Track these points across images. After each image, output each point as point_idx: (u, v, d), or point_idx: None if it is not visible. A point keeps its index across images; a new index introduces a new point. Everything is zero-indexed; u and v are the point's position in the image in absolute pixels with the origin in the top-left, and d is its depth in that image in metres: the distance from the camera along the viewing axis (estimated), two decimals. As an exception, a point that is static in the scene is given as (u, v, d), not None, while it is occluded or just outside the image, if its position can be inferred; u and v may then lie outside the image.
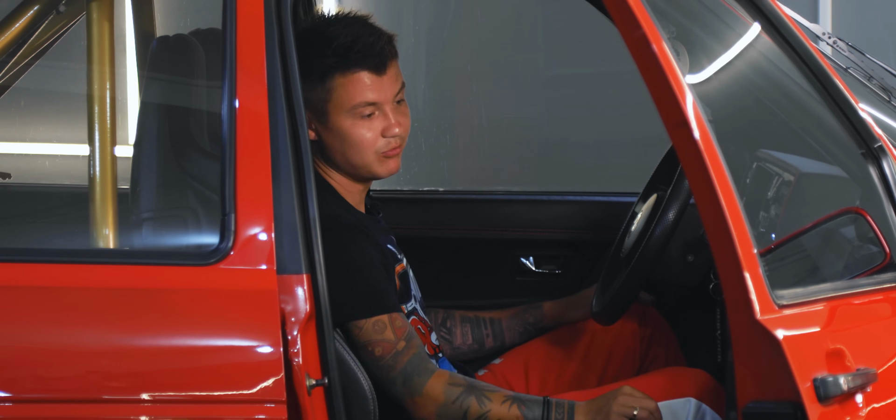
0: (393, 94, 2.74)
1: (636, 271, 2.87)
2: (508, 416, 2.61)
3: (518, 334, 3.19)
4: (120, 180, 2.55)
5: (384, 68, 2.73)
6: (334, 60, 2.70)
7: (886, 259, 2.41)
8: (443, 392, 2.61)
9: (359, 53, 2.70)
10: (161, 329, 2.30)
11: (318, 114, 2.73)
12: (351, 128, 2.72)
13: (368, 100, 2.71)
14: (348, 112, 2.72)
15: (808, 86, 2.57)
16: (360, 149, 2.74)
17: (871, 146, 2.49)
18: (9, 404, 2.26)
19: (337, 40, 2.71)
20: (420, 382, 2.62)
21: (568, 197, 3.82)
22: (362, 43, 2.71)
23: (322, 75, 2.70)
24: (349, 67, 2.70)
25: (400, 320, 2.66)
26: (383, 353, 2.63)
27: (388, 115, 2.74)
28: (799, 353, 2.12)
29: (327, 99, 2.71)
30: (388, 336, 2.63)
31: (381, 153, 2.75)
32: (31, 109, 4.79)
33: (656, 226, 2.85)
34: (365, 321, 2.63)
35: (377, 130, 2.73)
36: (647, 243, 2.86)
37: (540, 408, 2.61)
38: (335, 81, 2.70)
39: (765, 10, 2.57)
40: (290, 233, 2.33)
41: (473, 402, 2.61)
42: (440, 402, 2.61)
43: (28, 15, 2.80)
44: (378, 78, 2.72)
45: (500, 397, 2.62)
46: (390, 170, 2.78)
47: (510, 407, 2.61)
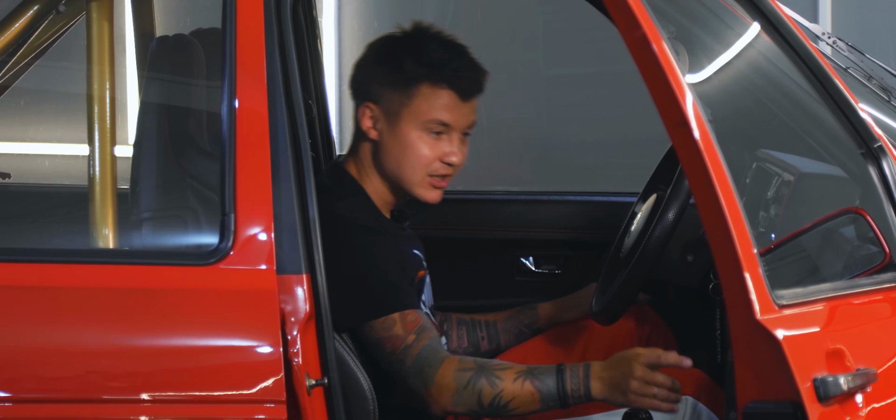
0: (466, 124, 2.77)
1: (636, 271, 2.87)
2: (522, 392, 2.57)
3: (513, 336, 3.18)
4: (120, 180, 2.55)
5: (469, 96, 2.76)
6: (426, 70, 2.72)
7: (886, 259, 2.41)
8: (453, 379, 2.58)
9: (452, 72, 2.73)
10: (161, 329, 2.30)
11: (390, 115, 2.74)
12: (416, 139, 2.74)
13: (444, 119, 2.73)
14: (421, 124, 2.73)
15: (807, 86, 2.57)
16: (416, 163, 2.75)
17: (871, 146, 2.49)
18: (9, 404, 2.26)
19: (434, 53, 2.73)
20: (431, 373, 2.59)
21: (568, 197, 3.82)
22: (458, 63, 2.74)
23: (409, 80, 2.72)
24: (438, 81, 2.72)
25: (411, 315, 2.65)
26: (394, 348, 2.62)
27: (453, 141, 2.76)
28: (799, 353, 2.12)
29: (406, 104, 2.73)
30: (398, 331, 2.63)
31: (430, 176, 2.77)
32: (31, 109, 4.79)
33: (656, 226, 2.85)
34: (375, 320, 2.63)
35: (437, 152, 2.75)
36: (646, 243, 2.85)
37: (553, 377, 2.57)
38: (420, 90, 2.72)
39: (765, 10, 2.57)
40: (290, 233, 2.33)
41: (485, 384, 2.58)
42: (453, 389, 2.58)
43: (28, 15, 2.80)
44: (460, 103, 2.74)
45: (512, 374, 2.59)
46: (430, 198, 2.79)
47: (523, 383, 2.57)
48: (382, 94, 2.75)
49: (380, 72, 2.77)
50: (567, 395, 2.56)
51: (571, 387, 2.56)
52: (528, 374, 2.59)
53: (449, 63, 2.73)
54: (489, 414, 2.60)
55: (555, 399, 2.57)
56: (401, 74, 2.73)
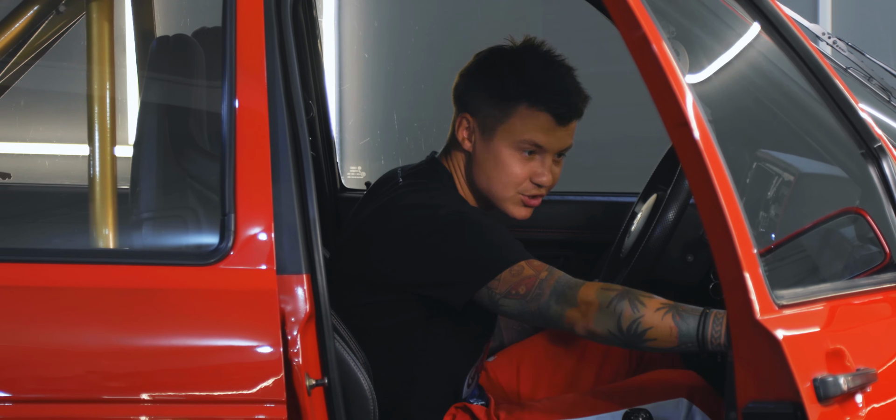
0: (560, 147, 2.77)
1: (636, 271, 2.87)
2: (661, 323, 2.48)
3: (516, 333, 3.18)
4: (120, 180, 2.55)
5: (567, 121, 2.75)
6: (527, 89, 2.72)
7: (886, 259, 2.41)
8: (596, 296, 2.53)
9: (553, 95, 2.72)
10: (161, 329, 2.30)
11: (485, 129, 2.75)
12: (508, 157, 2.74)
13: (538, 141, 2.74)
14: (515, 142, 2.74)
15: (808, 86, 2.57)
16: (507, 181, 2.76)
17: (871, 146, 2.49)
18: (9, 404, 2.26)
19: (536, 73, 2.73)
20: (573, 293, 2.54)
21: (568, 197, 3.82)
22: (560, 86, 2.73)
23: (509, 97, 2.72)
24: (537, 103, 2.72)
25: (536, 262, 2.62)
26: (528, 288, 2.59)
27: (545, 162, 2.76)
28: (799, 353, 2.12)
29: (502, 120, 2.73)
30: (529, 272, 2.60)
31: (520, 195, 2.77)
32: (31, 109, 4.79)
33: (656, 226, 2.85)
34: (503, 273, 2.60)
35: (528, 171, 2.75)
36: (647, 243, 2.86)
37: (696, 319, 2.47)
38: (519, 109, 2.72)
39: (765, 10, 2.57)
40: (290, 233, 2.33)
41: (627, 306, 2.50)
42: (596, 305, 2.52)
43: (28, 15, 2.80)
44: (557, 127, 2.74)
45: (656, 303, 2.51)
46: (519, 215, 2.80)
47: (664, 315, 2.49)
48: (481, 107, 2.76)
49: (480, 85, 2.78)
50: (706, 339, 2.46)
51: (712, 333, 2.46)
52: (672, 309, 2.50)
53: (549, 85, 2.72)
54: (626, 340, 2.51)
55: (693, 341, 2.47)
56: (501, 91, 2.73)
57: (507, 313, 2.62)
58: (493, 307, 2.63)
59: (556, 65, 2.78)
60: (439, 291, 2.66)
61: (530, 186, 2.77)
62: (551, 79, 2.73)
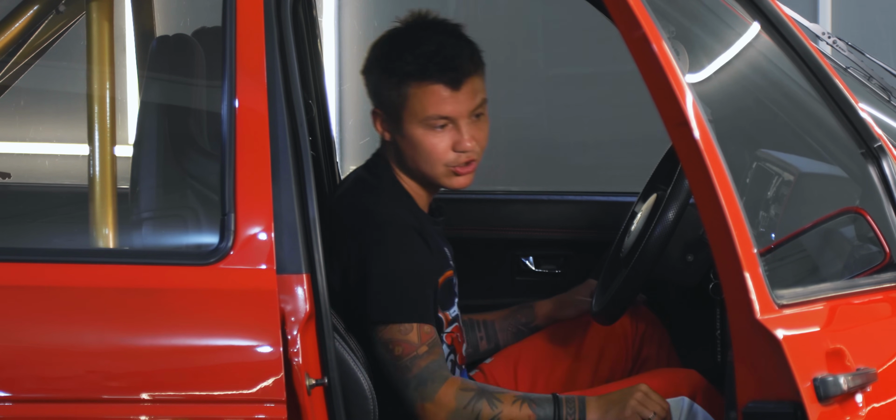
0: (469, 109, 2.72)
1: (636, 271, 2.87)
2: (520, 416, 2.61)
3: (511, 335, 3.19)
4: (120, 180, 2.55)
5: (460, 84, 2.70)
6: (412, 68, 2.69)
7: (886, 259, 2.41)
8: (454, 398, 2.61)
9: (437, 66, 2.68)
10: (161, 329, 2.30)
11: (393, 118, 2.73)
12: (422, 137, 2.71)
13: (442, 113, 2.70)
14: (421, 121, 2.70)
15: (808, 86, 2.57)
16: (430, 159, 2.73)
17: (871, 146, 2.49)
18: (9, 404, 2.26)
19: (419, 48, 2.69)
20: (433, 388, 2.61)
21: (568, 197, 3.82)
22: (442, 56, 2.69)
23: (399, 81, 2.70)
24: (425, 78, 2.69)
25: (428, 328, 2.66)
26: (403, 353, 2.62)
27: (461, 128, 2.72)
28: (799, 353, 2.12)
29: (402, 105, 2.71)
30: (412, 339, 2.63)
31: (450, 167, 2.74)
32: (31, 109, 4.79)
33: (656, 226, 2.85)
34: (393, 324, 2.64)
35: (448, 143, 2.72)
36: (646, 243, 2.85)
37: (551, 406, 2.62)
38: (410, 89, 2.69)
39: (765, 10, 2.57)
40: (290, 232, 2.33)
41: (485, 405, 2.61)
42: (451, 408, 2.61)
43: (28, 15, 2.80)
44: (453, 92, 2.70)
45: (511, 398, 2.63)
46: (457, 184, 2.77)
47: (521, 407, 2.62)
48: (383, 97, 2.74)
49: (376, 75, 2.76)
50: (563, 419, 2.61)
51: (567, 414, 2.61)
52: (526, 399, 2.63)
53: (433, 56, 2.68)
54: None
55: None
56: (393, 76, 2.71)
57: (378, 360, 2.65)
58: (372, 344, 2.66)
59: (439, 31, 2.74)
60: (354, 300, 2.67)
61: (456, 156, 2.73)
62: (434, 49, 2.69)
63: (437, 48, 2.69)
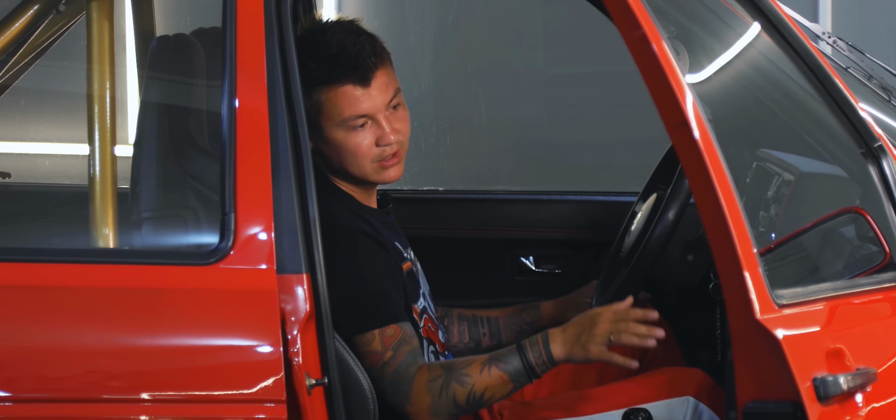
0: (384, 102, 2.70)
1: (636, 271, 2.87)
2: (491, 379, 2.59)
3: (515, 334, 3.18)
4: (120, 180, 2.55)
5: (369, 79, 2.68)
6: (319, 74, 2.66)
7: (886, 259, 2.41)
8: (427, 391, 2.60)
9: (342, 67, 2.66)
10: (161, 329, 2.30)
11: (312, 126, 2.68)
12: (344, 139, 2.69)
13: (357, 112, 2.67)
14: (339, 125, 2.68)
15: (808, 86, 2.57)
16: (356, 159, 2.71)
17: (871, 146, 2.49)
18: (9, 404, 2.26)
19: (322, 52, 2.67)
20: (406, 390, 2.60)
21: (568, 197, 3.82)
22: (346, 56, 2.66)
23: (310, 90, 2.66)
24: (333, 81, 2.66)
25: (391, 330, 2.64)
26: (372, 363, 2.62)
27: (381, 123, 2.69)
28: (799, 353, 2.12)
29: (317, 112, 2.68)
30: (376, 347, 2.62)
31: (377, 162, 2.72)
32: (31, 109, 4.78)
33: (656, 225, 2.85)
34: (357, 336, 2.63)
35: (371, 139, 2.70)
36: (646, 243, 2.86)
37: (516, 356, 2.60)
38: (322, 95, 2.67)
39: (765, 9, 2.57)
40: (290, 232, 2.33)
41: (456, 386, 2.59)
42: (428, 402, 2.60)
43: (28, 15, 2.80)
44: (365, 89, 2.67)
45: (477, 367, 2.60)
46: (389, 178, 2.75)
47: (490, 370, 2.60)
48: None
49: None
50: (533, 366, 2.59)
51: (534, 358, 2.59)
52: (493, 360, 2.61)
53: (337, 58, 2.65)
54: (470, 410, 2.61)
55: (523, 374, 2.59)
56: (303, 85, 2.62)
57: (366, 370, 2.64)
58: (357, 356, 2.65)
59: (336, 31, 2.70)
60: None
61: (381, 150, 2.71)
62: (335, 51, 2.66)
63: (339, 49, 2.67)
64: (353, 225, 2.71)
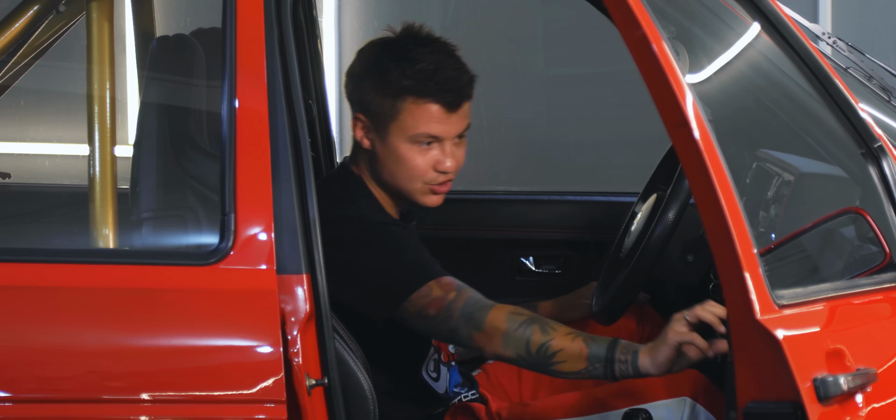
0: (457, 131, 2.74)
1: (636, 271, 2.87)
2: (571, 346, 2.52)
3: None
4: (120, 180, 2.55)
5: (457, 107, 2.72)
6: (411, 83, 2.68)
7: (886, 259, 2.41)
8: (505, 320, 2.56)
9: (437, 85, 2.69)
10: (161, 329, 2.30)
11: (379, 127, 2.72)
12: (406, 152, 2.72)
13: (432, 132, 2.71)
14: (408, 137, 2.71)
15: (808, 86, 2.57)
16: (410, 175, 2.73)
17: (871, 146, 2.49)
18: (9, 404, 2.26)
19: (419, 64, 2.69)
20: (481, 317, 2.57)
21: (568, 197, 3.82)
22: (443, 75, 2.69)
23: (396, 93, 2.69)
24: (423, 95, 2.69)
25: (445, 280, 2.63)
26: (438, 309, 2.60)
27: (445, 149, 2.73)
28: (799, 353, 2.12)
29: (393, 117, 2.71)
30: (437, 294, 2.61)
31: (428, 185, 2.75)
32: (31, 109, 4.78)
33: (656, 226, 2.85)
34: (413, 294, 2.62)
35: (430, 162, 2.73)
36: (647, 243, 2.86)
37: (605, 346, 2.51)
38: (406, 103, 2.69)
39: (765, 10, 2.57)
40: (290, 233, 2.33)
41: (537, 330, 2.54)
42: (503, 330, 2.55)
43: (28, 15, 2.80)
44: (448, 114, 2.71)
45: (564, 329, 2.55)
46: (431, 203, 2.78)
47: (574, 339, 2.53)
48: (370, 105, 2.73)
49: (367, 83, 2.74)
50: (614, 361, 2.50)
51: (620, 356, 2.50)
52: (581, 334, 2.54)
53: (434, 75, 2.69)
54: (535, 362, 2.54)
55: (602, 364, 2.51)
56: (387, 87, 2.70)
57: (420, 333, 2.63)
58: (406, 325, 2.64)
59: (437, 51, 2.73)
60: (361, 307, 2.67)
61: (435, 175, 2.75)
62: (435, 68, 2.69)
63: (437, 67, 2.70)
64: (384, 218, 2.75)
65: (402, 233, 2.74)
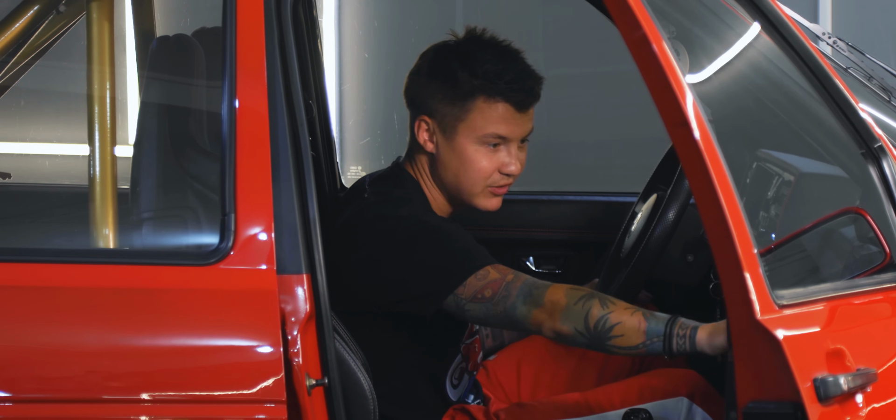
0: (524, 133, 2.76)
1: (636, 271, 2.87)
2: (630, 319, 2.49)
3: (516, 332, 3.18)
4: (120, 180, 2.55)
5: (527, 107, 2.73)
6: (482, 83, 2.69)
7: (886, 259, 2.41)
8: (565, 295, 2.53)
9: (508, 84, 2.70)
10: (161, 329, 2.30)
11: (446, 128, 2.73)
12: (474, 153, 2.73)
13: (501, 132, 2.72)
14: (477, 137, 2.72)
15: (808, 86, 2.57)
16: (475, 176, 2.74)
17: (871, 146, 2.49)
18: (9, 404, 2.26)
19: (488, 64, 2.70)
20: (540, 293, 2.55)
21: (568, 197, 3.82)
22: (513, 75, 2.71)
23: (465, 94, 2.70)
24: (494, 95, 2.70)
25: (501, 266, 2.62)
26: (494, 291, 2.59)
27: (511, 151, 2.74)
28: (799, 353, 2.12)
29: (462, 118, 2.72)
30: (495, 276, 2.60)
31: (490, 187, 2.76)
32: (31, 109, 4.79)
33: (656, 226, 2.85)
34: (469, 278, 2.60)
35: (495, 163, 2.74)
36: (647, 243, 2.86)
37: (664, 320, 2.48)
38: (476, 104, 2.71)
39: (765, 10, 2.57)
40: (290, 233, 2.33)
41: (596, 303, 2.51)
42: (563, 305, 2.52)
43: (28, 15, 2.80)
44: (517, 114, 2.72)
45: (624, 304, 2.52)
46: (490, 206, 2.79)
47: (633, 313, 2.50)
48: (437, 107, 2.74)
49: (433, 85, 2.75)
50: (672, 336, 2.46)
51: (678, 332, 2.47)
52: (641, 309, 2.52)
53: (503, 75, 2.70)
54: (592, 337, 2.51)
55: (660, 338, 2.47)
56: (455, 88, 2.71)
57: (473, 318, 2.61)
58: (459, 313, 2.62)
59: (505, 52, 2.75)
60: (407, 306, 2.66)
61: (499, 177, 2.76)
62: (504, 68, 2.70)
63: (509, 67, 2.71)
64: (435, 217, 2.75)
65: (453, 226, 2.74)
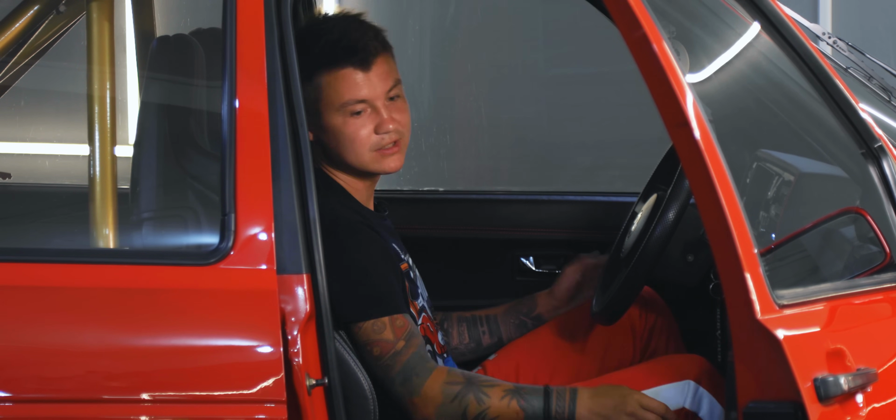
0: (384, 90, 2.72)
1: (636, 271, 2.87)
2: (507, 411, 2.61)
3: (514, 328, 3.18)
4: (120, 180, 2.55)
5: (369, 64, 2.71)
6: (321, 59, 2.69)
7: (886, 259, 2.41)
8: (441, 391, 2.61)
9: (344, 50, 2.69)
10: (161, 329, 2.30)
11: (311, 114, 2.71)
12: (343, 126, 2.71)
13: (356, 96, 2.70)
14: (338, 110, 2.70)
15: (808, 86, 2.57)
16: (355, 146, 2.72)
17: (871, 146, 2.49)
18: (9, 404, 2.26)
19: (325, 37, 2.70)
20: (419, 382, 2.61)
21: (568, 197, 3.82)
22: (348, 39, 2.70)
23: (310, 74, 2.69)
24: (334, 64, 2.69)
25: (400, 320, 2.65)
26: (382, 352, 2.62)
27: (379, 111, 2.72)
28: (799, 353, 2.12)
29: (318, 98, 2.70)
30: (387, 336, 2.63)
31: (376, 151, 2.74)
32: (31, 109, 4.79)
33: (656, 226, 2.85)
34: (365, 323, 2.63)
35: (370, 127, 2.72)
36: (647, 243, 2.85)
37: (540, 399, 2.61)
38: (322, 80, 2.70)
39: (765, 10, 2.57)
40: (290, 233, 2.33)
41: (472, 400, 2.61)
42: (438, 403, 2.61)
43: (28, 15, 2.80)
44: (365, 74, 2.70)
45: (499, 392, 2.62)
46: (389, 167, 2.76)
47: (510, 402, 2.61)
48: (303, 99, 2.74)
49: None
50: (552, 415, 2.61)
51: (556, 409, 2.61)
52: (516, 394, 2.62)
53: (339, 42, 2.69)
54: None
55: (539, 416, 2.61)
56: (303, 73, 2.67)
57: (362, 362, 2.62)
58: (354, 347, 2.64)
59: (336, 22, 2.75)
60: None
61: (379, 138, 2.73)
62: (337, 36, 2.70)
63: (340, 34, 2.71)
64: (354, 218, 2.73)
65: (372, 243, 2.72)
